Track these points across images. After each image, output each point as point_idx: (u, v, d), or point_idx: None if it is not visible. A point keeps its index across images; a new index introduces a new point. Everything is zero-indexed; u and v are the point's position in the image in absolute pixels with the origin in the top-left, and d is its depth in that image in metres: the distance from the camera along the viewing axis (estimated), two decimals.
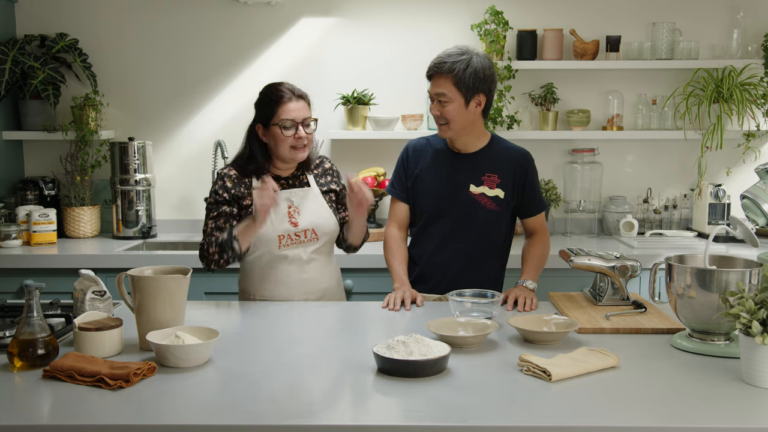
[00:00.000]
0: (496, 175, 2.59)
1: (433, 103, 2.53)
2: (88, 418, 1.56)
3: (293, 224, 2.50)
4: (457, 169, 2.61)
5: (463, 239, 2.58)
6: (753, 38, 3.81)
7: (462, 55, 2.48)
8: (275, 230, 2.48)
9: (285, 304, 2.47)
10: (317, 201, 2.57)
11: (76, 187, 3.76)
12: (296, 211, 2.52)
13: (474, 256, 2.59)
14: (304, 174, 2.60)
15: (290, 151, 2.48)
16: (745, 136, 3.74)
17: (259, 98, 2.54)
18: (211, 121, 3.94)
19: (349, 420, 1.56)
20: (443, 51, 2.53)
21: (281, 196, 2.50)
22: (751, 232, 2.21)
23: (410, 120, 3.79)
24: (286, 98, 2.47)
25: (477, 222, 2.57)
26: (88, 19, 3.88)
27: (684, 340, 1.99)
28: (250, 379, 1.77)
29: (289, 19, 3.89)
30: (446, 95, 2.48)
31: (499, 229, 2.63)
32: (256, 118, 2.53)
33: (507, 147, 2.66)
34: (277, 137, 2.47)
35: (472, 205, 2.58)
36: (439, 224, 2.60)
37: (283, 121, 2.45)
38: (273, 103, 2.47)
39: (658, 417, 1.55)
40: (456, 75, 2.46)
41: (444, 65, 2.47)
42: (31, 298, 1.82)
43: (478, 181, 2.59)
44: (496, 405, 1.61)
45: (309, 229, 2.52)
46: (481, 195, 2.58)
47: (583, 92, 3.93)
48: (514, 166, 2.61)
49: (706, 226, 3.72)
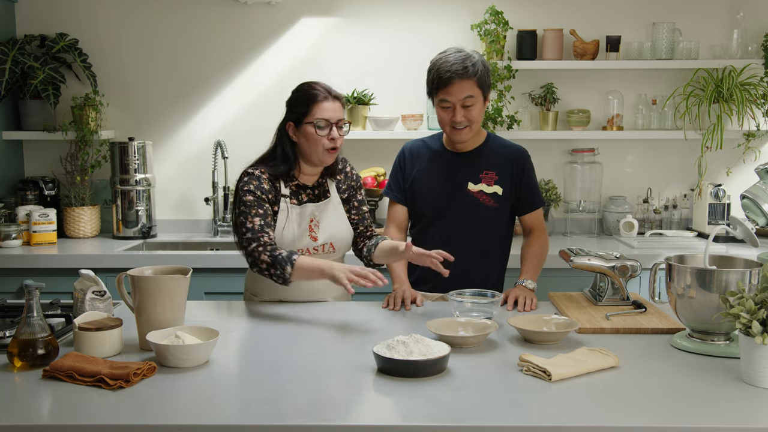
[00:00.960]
0: (494, 172, 2.59)
1: (452, 109, 2.49)
2: (88, 418, 1.56)
3: (313, 239, 2.46)
4: (455, 167, 2.61)
5: (463, 238, 2.58)
6: (753, 38, 3.81)
7: (471, 56, 2.48)
8: (295, 245, 2.43)
9: (285, 304, 2.47)
10: (336, 211, 2.52)
11: (76, 187, 3.76)
12: (317, 225, 2.47)
13: (475, 254, 2.59)
14: (326, 182, 2.54)
15: (322, 153, 2.40)
16: (745, 136, 3.74)
17: (293, 96, 2.46)
18: (211, 121, 3.94)
19: (349, 420, 1.56)
20: (445, 56, 2.49)
21: (306, 210, 2.45)
22: (751, 232, 2.21)
23: (410, 120, 3.79)
24: (322, 97, 2.40)
25: (477, 220, 2.57)
26: (88, 19, 3.88)
27: (684, 340, 1.99)
28: (250, 379, 1.77)
29: (289, 19, 3.89)
30: (473, 97, 2.48)
31: (499, 227, 2.63)
32: (288, 116, 2.45)
33: (503, 144, 2.67)
34: (310, 137, 2.40)
35: (472, 202, 2.58)
36: (439, 224, 2.60)
37: (318, 120, 2.39)
38: (308, 101, 2.40)
39: (658, 417, 1.55)
40: (479, 76, 2.47)
41: (467, 68, 2.45)
42: (31, 298, 1.82)
43: (476, 179, 2.59)
44: (496, 405, 1.61)
45: (328, 243, 2.49)
46: (480, 192, 2.58)
47: (583, 92, 3.93)
48: (511, 162, 2.61)
49: (706, 226, 3.73)
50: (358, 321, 2.31)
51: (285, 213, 2.43)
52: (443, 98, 2.49)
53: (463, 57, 2.47)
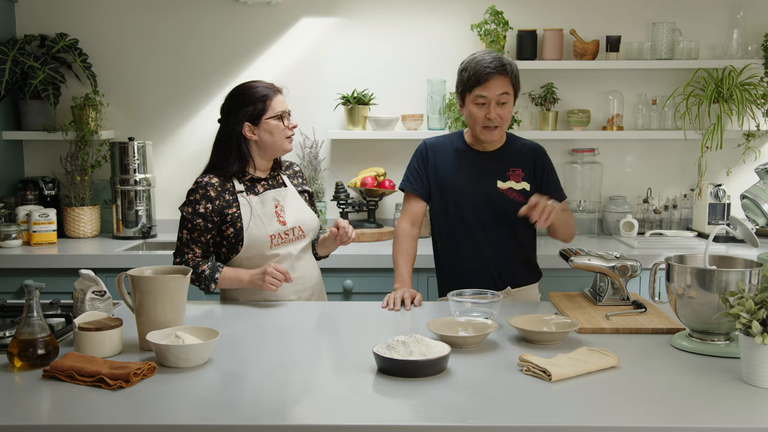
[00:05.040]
0: (520, 168, 2.64)
1: (488, 105, 2.52)
2: (88, 418, 1.56)
3: (282, 223, 2.51)
4: (482, 167, 2.64)
5: (499, 235, 2.61)
6: (753, 38, 3.81)
7: (504, 56, 2.56)
8: (267, 231, 2.49)
9: (285, 304, 2.47)
10: (297, 199, 2.61)
11: (76, 187, 3.76)
12: (282, 210, 2.54)
13: (510, 250, 2.63)
14: (279, 174, 2.63)
15: (285, 141, 2.52)
16: (745, 136, 3.74)
17: (240, 99, 2.50)
18: (211, 121, 3.91)
19: (349, 420, 1.56)
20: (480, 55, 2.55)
21: (267, 196, 2.53)
22: (751, 232, 2.21)
23: (410, 120, 3.79)
24: (273, 91, 2.52)
25: (510, 217, 2.57)
26: (88, 19, 3.88)
27: (684, 340, 1.99)
28: (250, 379, 1.77)
29: (289, 19, 3.89)
30: (508, 95, 2.53)
31: (529, 222, 2.64)
32: (240, 118, 2.49)
33: (522, 142, 2.72)
34: (275, 129, 2.49)
35: (504, 199, 2.60)
36: (476, 223, 2.61)
37: (279, 113, 2.50)
38: (263, 99, 2.49)
39: (658, 417, 1.55)
40: (514, 74, 2.54)
41: (504, 66, 2.52)
42: (31, 298, 1.82)
43: (504, 177, 2.62)
44: (496, 405, 1.61)
45: (296, 226, 2.54)
46: (510, 189, 2.61)
47: (583, 92, 3.93)
48: (533, 160, 2.67)
49: (706, 226, 3.73)
50: (358, 321, 2.31)
51: (247, 206, 2.49)
52: (480, 94, 2.52)
53: (499, 56, 2.54)
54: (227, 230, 2.48)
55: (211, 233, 2.48)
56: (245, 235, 2.46)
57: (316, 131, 3.87)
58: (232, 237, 2.48)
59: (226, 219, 2.47)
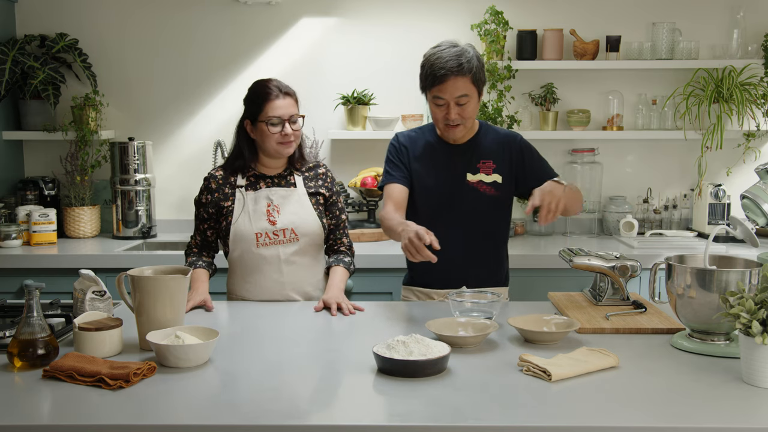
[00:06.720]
0: (491, 160, 2.58)
1: (446, 107, 2.46)
2: (88, 418, 1.56)
3: (271, 222, 2.51)
4: (453, 160, 2.59)
5: (468, 229, 2.56)
6: (753, 38, 3.81)
7: (465, 51, 2.43)
8: (253, 228, 2.50)
9: (285, 304, 2.47)
10: (301, 202, 2.56)
11: (76, 187, 3.76)
12: (276, 210, 2.52)
13: (483, 245, 2.58)
14: (291, 174, 2.60)
15: (276, 146, 2.50)
16: (745, 136, 3.74)
17: (248, 95, 2.56)
18: (211, 121, 3.94)
19: (349, 420, 1.56)
20: (439, 51, 2.44)
21: (261, 194, 2.53)
22: (751, 232, 2.21)
23: (410, 120, 3.79)
24: (273, 95, 2.48)
25: (479, 210, 2.56)
26: (88, 19, 3.88)
27: (684, 340, 1.99)
28: (250, 379, 1.77)
29: (289, 20, 3.89)
30: (468, 96, 2.44)
31: (503, 214, 2.63)
32: (245, 114, 2.55)
33: (496, 132, 2.64)
34: (263, 134, 2.49)
35: (473, 193, 2.56)
36: (443, 218, 2.56)
37: (270, 118, 2.47)
38: (260, 100, 2.49)
39: (658, 417, 1.55)
40: (473, 73, 2.43)
41: (462, 65, 2.40)
42: (31, 298, 1.82)
43: (474, 169, 2.57)
44: (496, 405, 1.61)
45: (288, 228, 2.52)
46: (479, 182, 2.56)
47: (583, 92, 3.93)
48: (507, 149, 2.59)
49: (706, 226, 3.73)
50: (358, 321, 2.31)
51: (240, 201, 2.52)
52: (437, 95, 2.46)
53: (458, 53, 2.42)
54: (222, 223, 2.54)
55: (208, 223, 2.57)
56: (232, 228, 2.50)
57: (316, 131, 3.86)
58: (224, 230, 2.53)
59: (222, 212, 2.54)
